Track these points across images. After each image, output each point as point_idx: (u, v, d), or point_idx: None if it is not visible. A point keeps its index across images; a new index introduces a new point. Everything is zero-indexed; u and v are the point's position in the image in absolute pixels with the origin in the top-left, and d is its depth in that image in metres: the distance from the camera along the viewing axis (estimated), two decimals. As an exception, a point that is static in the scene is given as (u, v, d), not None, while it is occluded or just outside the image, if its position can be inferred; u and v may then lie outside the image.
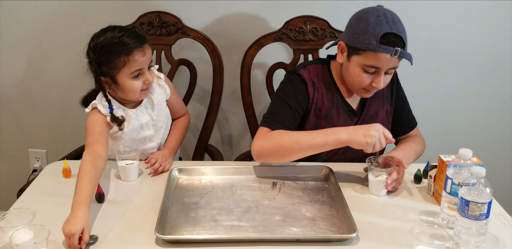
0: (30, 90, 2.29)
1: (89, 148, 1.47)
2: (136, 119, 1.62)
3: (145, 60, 1.54)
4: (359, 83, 1.51)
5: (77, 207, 1.25)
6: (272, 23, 2.07)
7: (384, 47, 1.41)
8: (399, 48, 1.41)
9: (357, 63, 1.48)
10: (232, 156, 2.35)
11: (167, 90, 1.72)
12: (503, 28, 2.06)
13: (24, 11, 2.13)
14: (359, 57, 1.47)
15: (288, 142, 1.44)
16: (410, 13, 2.03)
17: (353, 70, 1.50)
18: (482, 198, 1.15)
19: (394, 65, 1.46)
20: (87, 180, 1.35)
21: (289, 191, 1.45)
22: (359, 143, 1.36)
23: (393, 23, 1.43)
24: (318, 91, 1.59)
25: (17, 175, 2.44)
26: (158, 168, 1.55)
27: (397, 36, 1.42)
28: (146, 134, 1.66)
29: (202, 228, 1.26)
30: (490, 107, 2.21)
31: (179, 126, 1.80)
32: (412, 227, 1.18)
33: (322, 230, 1.26)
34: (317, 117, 1.60)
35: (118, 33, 1.52)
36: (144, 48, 1.53)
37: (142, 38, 1.55)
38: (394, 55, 1.41)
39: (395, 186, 1.45)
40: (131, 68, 1.51)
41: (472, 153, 1.28)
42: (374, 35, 1.41)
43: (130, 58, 1.50)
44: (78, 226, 1.18)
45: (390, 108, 1.67)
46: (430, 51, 2.12)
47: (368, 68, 1.46)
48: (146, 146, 1.68)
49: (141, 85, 1.55)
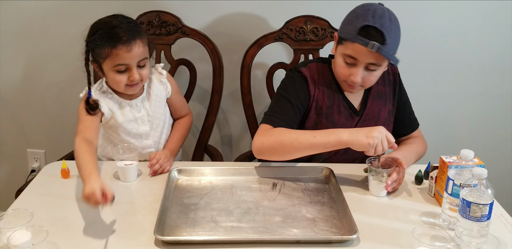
0: (29, 90, 2.28)
1: (80, 135, 1.51)
2: (130, 111, 1.62)
3: (131, 56, 1.50)
4: (341, 74, 1.52)
5: (88, 177, 1.29)
6: (272, 23, 2.06)
7: (361, 38, 1.41)
8: (376, 43, 1.39)
9: (340, 53, 1.50)
10: (231, 157, 2.34)
11: (168, 87, 1.71)
12: (505, 29, 2.06)
13: (23, 10, 2.12)
14: (341, 47, 1.49)
15: (289, 140, 1.43)
16: (412, 14, 2.03)
17: (337, 60, 1.52)
18: (483, 199, 1.14)
19: (374, 60, 1.45)
20: (88, 157, 1.40)
21: (289, 192, 1.44)
22: (360, 144, 1.35)
23: (380, 18, 1.42)
24: (319, 89, 1.59)
25: (15, 175, 2.43)
26: (157, 169, 1.54)
27: (378, 31, 1.41)
28: (142, 129, 1.65)
29: (202, 229, 1.25)
30: (491, 108, 2.20)
31: (181, 127, 1.79)
32: (413, 229, 1.17)
33: (322, 231, 1.25)
34: (317, 115, 1.60)
35: (115, 22, 1.51)
36: (132, 45, 1.49)
37: (135, 34, 1.50)
38: (371, 49, 1.40)
39: (395, 187, 1.44)
40: (113, 61, 1.50)
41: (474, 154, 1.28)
42: (355, 26, 1.43)
43: (114, 51, 1.48)
44: (95, 185, 1.22)
45: (392, 108, 1.67)
46: (431, 52, 2.11)
47: (347, 58, 1.48)
48: (143, 143, 1.67)
49: (125, 80, 1.53)
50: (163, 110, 1.71)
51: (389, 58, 1.44)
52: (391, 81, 1.66)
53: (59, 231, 1.22)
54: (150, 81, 1.68)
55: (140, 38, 1.52)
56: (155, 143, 1.70)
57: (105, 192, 1.22)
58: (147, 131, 1.66)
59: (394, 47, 1.46)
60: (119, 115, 1.61)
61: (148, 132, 1.67)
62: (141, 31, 1.55)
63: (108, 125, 1.62)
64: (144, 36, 1.55)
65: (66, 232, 1.23)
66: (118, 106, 1.62)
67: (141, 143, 1.67)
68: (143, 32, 1.56)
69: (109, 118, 1.61)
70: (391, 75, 1.66)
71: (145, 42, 1.55)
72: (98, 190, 1.21)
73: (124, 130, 1.63)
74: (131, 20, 1.56)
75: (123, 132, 1.63)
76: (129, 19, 1.56)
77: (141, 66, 1.55)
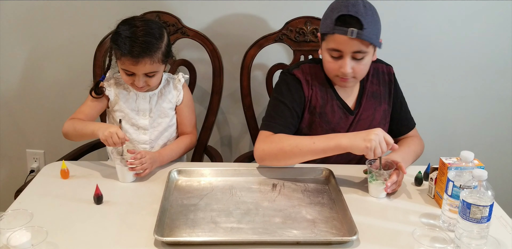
0: (28, 90, 2.28)
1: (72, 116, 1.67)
2: (134, 101, 1.68)
3: (137, 69, 1.54)
4: (330, 70, 1.53)
5: (99, 125, 1.54)
6: (272, 24, 2.06)
7: (339, 28, 1.43)
8: (355, 29, 1.41)
9: (324, 49, 1.52)
10: (231, 157, 2.34)
11: (181, 95, 1.73)
12: (504, 30, 2.06)
13: (23, 10, 2.12)
14: (324, 42, 1.51)
15: (289, 146, 1.44)
16: (410, 14, 2.03)
17: (324, 57, 1.53)
18: (483, 201, 1.14)
19: (357, 48, 1.45)
20: (85, 122, 1.61)
21: (289, 193, 1.44)
22: (359, 148, 1.36)
23: (354, 6, 1.44)
24: (313, 89, 1.60)
25: (15, 176, 2.43)
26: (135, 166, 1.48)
27: (353, 17, 1.42)
28: (141, 122, 1.69)
29: (202, 230, 1.25)
30: (491, 109, 2.20)
31: (181, 140, 1.75)
32: (414, 230, 1.17)
33: (322, 232, 1.25)
34: (311, 114, 1.60)
35: (132, 32, 1.53)
36: (139, 61, 1.52)
37: (146, 51, 1.51)
38: (350, 36, 1.42)
39: (395, 189, 1.44)
40: (120, 64, 1.58)
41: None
42: (331, 18, 1.45)
43: (122, 58, 1.54)
44: (112, 128, 1.47)
45: (387, 107, 1.67)
46: (431, 52, 2.11)
47: (332, 52, 1.49)
48: (139, 137, 1.70)
49: (131, 81, 1.60)
50: (168, 113, 1.72)
51: (371, 41, 1.44)
52: (386, 81, 1.67)
53: (58, 231, 1.22)
54: (167, 83, 1.73)
55: (150, 56, 1.53)
56: (151, 140, 1.71)
57: (118, 134, 1.45)
58: (146, 125, 1.69)
59: (375, 32, 1.47)
60: (124, 101, 1.67)
61: (147, 126, 1.69)
62: (154, 49, 1.53)
63: (113, 110, 1.69)
64: (157, 54, 1.54)
65: (66, 232, 1.23)
66: (126, 92, 1.68)
67: (138, 136, 1.70)
68: (158, 49, 1.55)
69: (114, 104, 1.68)
70: (386, 75, 1.67)
71: (157, 60, 1.55)
72: (115, 132, 1.44)
73: (125, 116, 1.67)
74: (151, 34, 1.54)
75: (124, 118, 1.68)
76: (151, 31, 1.54)
77: (150, 76, 1.58)
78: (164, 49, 1.57)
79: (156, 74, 1.59)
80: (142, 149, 1.69)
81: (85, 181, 1.49)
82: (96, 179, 1.50)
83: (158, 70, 1.58)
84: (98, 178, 1.51)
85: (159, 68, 1.59)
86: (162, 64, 1.59)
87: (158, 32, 1.56)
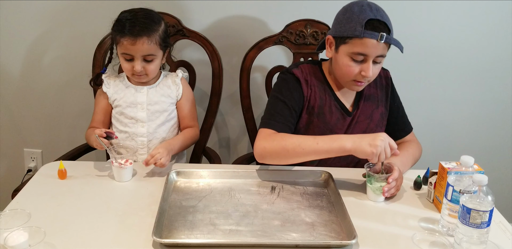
0: (27, 89, 2.27)
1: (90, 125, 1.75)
2: (133, 94, 1.72)
3: (135, 49, 1.61)
4: (349, 73, 1.52)
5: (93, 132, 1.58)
6: (272, 26, 2.06)
7: (369, 32, 1.43)
8: (384, 33, 1.43)
9: (345, 53, 1.50)
10: (229, 159, 2.34)
11: (180, 90, 1.77)
12: (503, 33, 2.06)
13: (22, 10, 2.12)
14: (346, 46, 1.49)
15: (291, 145, 1.43)
16: (407, 18, 2.03)
17: (342, 61, 1.52)
18: (483, 206, 1.14)
19: (381, 52, 1.48)
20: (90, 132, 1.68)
21: (288, 196, 1.44)
22: (364, 152, 1.36)
23: (377, 11, 1.46)
24: (311, 89, 1.60)
25: (12, 175, 2.42)
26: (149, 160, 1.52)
27: (381, 22, 1.45)
28: (139, 114, 1.72)
29: (200, 232, 1.24)
30: (490, 113, 2.21)
31: (186, 132, 1.79)
32: (413, 234, 1.17)
33: (321, 235, 1.25)
34: (309, 114, 1.60)
35: (134, 15, 1.64)
36: (137, 39, 1.59)
37: (144, 30, 1.60)
38: (380, 41, 1.44)
39: (393, 193, 1.44)
40: (121, 49, 1.64)
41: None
42: (359, 22, 1.45)
43: (121, 40, 1.61)
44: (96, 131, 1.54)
45: (385, 111, 1.68)
46: (429, 56, 2.12)
47: (356, 56, 1.48)
48: (137, 130, 1.72)
49: (131, 69, 1.65)
50: (165, 109, 1.74)
51: (397, 45, 1.47)
52: (383, 85, 1.68)
53: (56, 232, 1.21)
54: (166, 78, 1.78)
55: (148, 36, 1.61)
56: (148, 133, 1.72)
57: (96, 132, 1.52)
58: (143, 117, 1.71)
59: None
60: (121, 96, 1.72)
61: (144, 119, 1.71)
62: (152, 30, 1.63)
63: (113, 106, 1.74)
64: (154, 35, 1.63)
65: (64, 233, 1.22)
66: (124, 87, 1.73)
67: (136, 129, 1.72)
68: (156, 31, 1.64)
69: (113, 100, 1.73)
70: (383, 79, 1.68)
71: (154, 41, 1.63)
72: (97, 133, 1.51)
73: (123, 110, 1.71)
74: (150, 17, 1.65)
75: (121, 113, 1.72)
76: (150, 16, 1.66)
77: (148, 61, 1.64)
78: (162, 34, 1.67)
79: (154, 60, 1.66)
80: (140, 141, 1.73)
81: (83, 181, 1.48)
82: (94, 179, 1.49)
83: (155, 54, 1.65)
84: (96, 179, 1.50)
85: (157, 52, 1.65)
86: (159, 49, 1.66)
87: (157, 17, 1.68)
